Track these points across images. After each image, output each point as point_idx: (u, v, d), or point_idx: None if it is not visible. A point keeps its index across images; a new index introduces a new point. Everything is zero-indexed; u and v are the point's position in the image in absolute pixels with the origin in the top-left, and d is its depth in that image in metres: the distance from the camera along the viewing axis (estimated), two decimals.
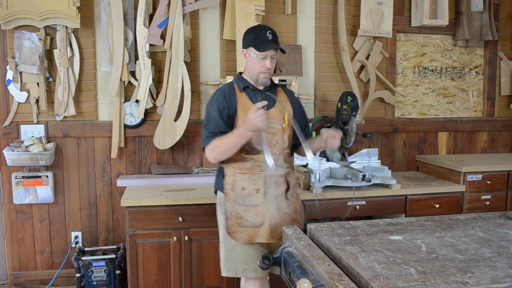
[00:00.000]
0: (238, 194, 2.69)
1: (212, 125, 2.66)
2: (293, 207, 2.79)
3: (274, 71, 2.88)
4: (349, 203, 3.61)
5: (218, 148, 2.61)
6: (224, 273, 2.84)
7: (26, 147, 3.60)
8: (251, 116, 2.44)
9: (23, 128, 3.74)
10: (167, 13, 3.71)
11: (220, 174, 2.80)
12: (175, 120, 3.77)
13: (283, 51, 2.72)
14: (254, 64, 2.68)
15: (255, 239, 2.70)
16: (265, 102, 2.52)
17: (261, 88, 2.75)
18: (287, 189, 2.76)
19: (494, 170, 4.00)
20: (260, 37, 2.63)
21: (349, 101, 3.75)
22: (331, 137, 2.74)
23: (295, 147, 2.92)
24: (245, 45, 2.70)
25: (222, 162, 2.76)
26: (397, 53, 4.39)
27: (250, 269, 2.77)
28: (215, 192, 2.88)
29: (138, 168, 3.96)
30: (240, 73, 2.82)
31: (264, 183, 2.68)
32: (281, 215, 2.71)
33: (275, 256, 2.32)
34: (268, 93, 2.74)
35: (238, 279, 3.50)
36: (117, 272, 3.63)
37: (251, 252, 2.75)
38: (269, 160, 2.55)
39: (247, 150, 2.66)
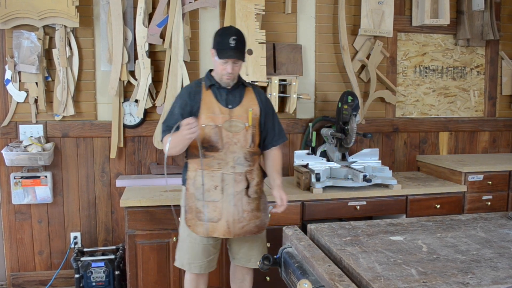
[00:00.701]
0: (198, 189, 2.75)
1: (172, 121, 2.73)
2: (256, 204, 2.82)
3: (274, 70, 2.89)
4: (349, 204, 3.60)
5: (167, 143, 2.67)
6: (175, 263, 2.94)
7: (25, 147, 3.58)
8: (183, 132, 2.52)
9: (22, 128, 3.72)
10: (166, 12, 3.69)
11: (185, 169, 2.86)
12: None
13: (243, 60, 2.72)
14: (217, 66, 2.74)
15: (213, 234, 2.76)
16: (193, 119, 2.53)
17: (228, 87, 2.78)
18: (248, 187, 2.78)
19: (495, 170, 3.98)
20: (222, 42, 2.66)
21: (349, 101, 3.74)
22: (278, 205, 2.86)
23: (265, 146, 2.95)
24: (212, 45, 2.74)
25: (187, 157, 2.85)
26: (398, 52, 4.37)
27: (194, 264, 2.86)
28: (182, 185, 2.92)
29: (138, 168, 3.94)
30: (211, 70, 2.85)
31: (222, 180, 2.73)
32: (240, 212, 2.76)
33: (275, 256, 2.32)
34: (235, 92, 2.80)
35: None
36: (116, 273, 3.62)
37: (199, 248, 2.83)
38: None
39: (206, 147, 2.72)
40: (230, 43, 2.63)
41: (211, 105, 2.74)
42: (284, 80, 3.94)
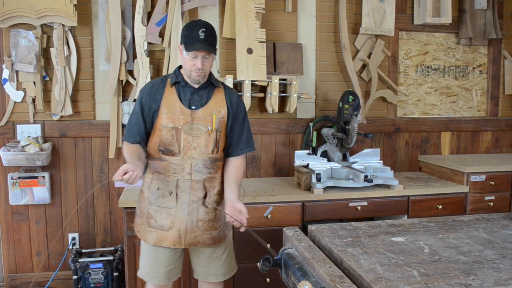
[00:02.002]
0: (153, 193, 2.63)
1: (133, 118, 2.62)
2: (215, 215, 2.66)
3: (274, 69, 2.81)
4: (350, 204, 3.57)
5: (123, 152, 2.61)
6: (137, 272, 2.78)
7: (22, 147, 3.56)
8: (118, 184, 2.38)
9: (19, 128, 3.70)
10: (165, 11, 3.68)
11: (145, 170, 2.69)
12: None
13: (214, 53, 2.53)
14: (185, 62, 2.54)
15: (162, 243, 2.61)
16: (131, 168, 2.33)
17: (195, 86, 2.60)
18: (206, 196, 2.62)
19: (498, 171, 3.96)
20: (191, 35, 2.47)
21: (350, 100, 3.72)
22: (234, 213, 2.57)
23: (229, 153, 2.74)
24: (180, 41, 2.59)
25: (148, 157, 2.68)
26: (400, 51, 4.35)
27: (152, 274, 2.69)
28: None
29: None
30: (180, 66, 2.66)
31: (177, 186, 2.58)
32: (194, 221, 2.60)
33: (275, 257, 2.30)
34: (202, 92, 2.62)
35: (238, 281, 3.47)
36: (115, 274, 3.60)
37: (156, 257, 2.67)
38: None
39: (162, 151, 2.58)
40: (199, 35, 2.45)
41: (172, 104, 2.56)
42: (285, 80, 3.91)
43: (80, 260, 3.58)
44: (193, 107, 2.58)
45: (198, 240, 2.64)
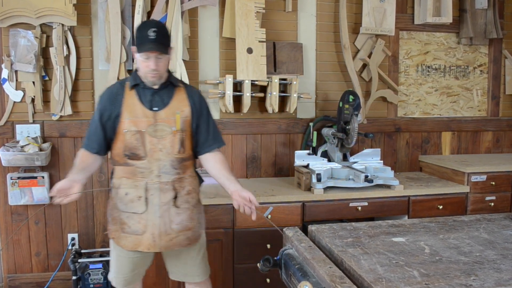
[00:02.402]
0: (121, 199, 2.58)
1: (93, 126, 2.58)
2: (187, 215, 2.62)
3: (275, 69, 2.79)
4: (350, 204, 3.55)
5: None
6: (108, 275, 2.79)
7: (22, 147, 3.55)
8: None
9: (19, 128, 3.68)
10: (165, 11, 3.66)
11: (112, 175, 2.68)
12: None
13: (166, 53, 2.50)
14: (139, 64, 2.50)
15: (138, 247, 2.57)
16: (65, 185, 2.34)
17: (155, 87, 2.56)
18: (176, 197, 2.59)
19: (499, 171, 3.95)
20: (142, 36, 2.43)
21: (351, 100, 3.71)
22: (243, 203, 2.58)
23: (198, 152, 2.73)
24: (133, 42, 2.56)
25: (114, 163, 2.65)
26: (400, 51, 4.34)
27: (119, 278, 2.69)
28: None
29: None
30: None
31: (146, 190, 2.54)
32: (166, 224, 2.56)
33: (275, 258, 2.30)
34: (162, 92, 2.58)
35: (238, 282, 3.46)
36: None
37: (125, 261, 2.66)
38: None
39: (128, 155, 2.54)
40: (150, 35, 2.39)
41: (133, 107, 2.52)
42: (285, 79, 3.90)
43: (79, 260, 3.56)
44: (155, 109, 2.54)
45: (174, 242, 2.60)
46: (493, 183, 3.91)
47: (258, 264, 2.32)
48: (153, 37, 2.40)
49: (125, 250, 2.61)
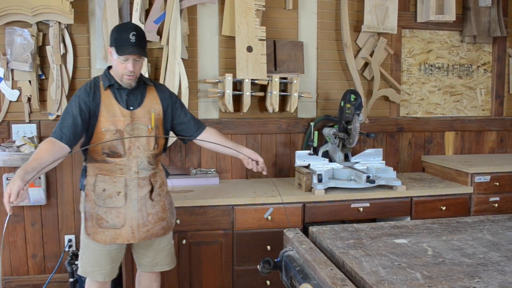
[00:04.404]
0: (99, 196, 2.64)
1: (69, 119, 2.52)
2: (160, 206, 2.77)
3: (275, 68, 2.80)
4: (352, 205, 3.51)
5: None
6: (78, 271, 2.82)
7: (18, 147, 3.52)
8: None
9: (15, 127, 3.65)
10: (164, 8, 3.64)
11: (83, 173, 2.73)
12: None
13: (145, 56, 2.59)
14: (116, 65, 2.57)
15: (116, 240, 2.66)
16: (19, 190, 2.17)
17: (129, 87, 2.64)
18: (152, 190, 2.72)
19: (503, 171, 3.90)
20: (121, 39, 2.50)
21: (352, 99, 3.67)
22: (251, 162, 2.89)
23: (192, 135, 2.92)
24: (109, 43, 2.59)
25: (85, 160, 2.73)
26: (402, 49, 4.29)
27: (97, 272, 2.73)
28: (80, 190, 2.79)
29: None
30: (109, 67, 2.68)
31: (125, 186, 2.64)
32: (144, 216, 2.69)
33: (275, 260, 2.30)
34: (136, 91, 2.67)
35: (238, 285, 3.42)
36: None
37: (102, 254, 2.71)
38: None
39: (107, 153, 2.60)
40: (130, 39, 2.48)
41: (111, 107, 2.59)
42: (285, 78, 3.86)
43: (76, 262, 3.51)
44: (131, 108, 2.64)
45: (151, 233, 2.73)
46: (497, 183, 3.87)
47: (258, 266, 2.33)
48: (134, 40, 2.50)
49: (102, 244, 2.67)
